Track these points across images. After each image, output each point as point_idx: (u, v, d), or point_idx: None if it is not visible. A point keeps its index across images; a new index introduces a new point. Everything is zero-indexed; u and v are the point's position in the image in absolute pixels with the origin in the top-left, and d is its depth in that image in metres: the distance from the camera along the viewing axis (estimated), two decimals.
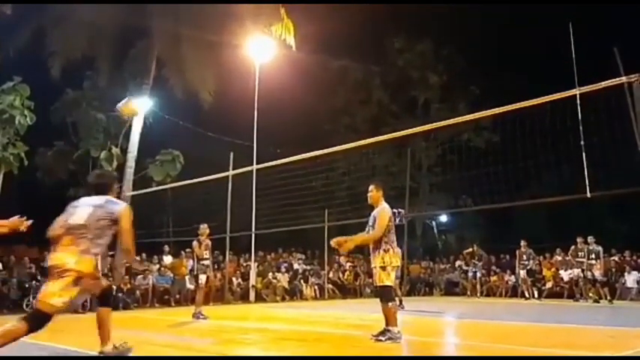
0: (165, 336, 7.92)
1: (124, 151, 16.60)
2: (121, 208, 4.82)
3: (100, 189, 5.03)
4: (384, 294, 6.50)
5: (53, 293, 4.39)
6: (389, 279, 6.46)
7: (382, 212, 6.61)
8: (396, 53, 24.97)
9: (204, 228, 10.52)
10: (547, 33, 17.90)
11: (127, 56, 17.23)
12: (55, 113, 16.85)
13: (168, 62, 17.06)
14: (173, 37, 16.23)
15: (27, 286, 13.42)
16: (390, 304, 6.43)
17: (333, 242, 6.75)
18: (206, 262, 10.46)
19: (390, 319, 6.38)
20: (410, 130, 10.42)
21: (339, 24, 19.87)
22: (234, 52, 16.97)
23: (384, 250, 6.49)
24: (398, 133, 10.62)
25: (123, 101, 7.30)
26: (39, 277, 13.76)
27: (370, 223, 6.71)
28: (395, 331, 6.34)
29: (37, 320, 4.40)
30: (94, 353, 6.02)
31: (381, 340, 6.30)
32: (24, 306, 12.89)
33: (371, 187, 6.85)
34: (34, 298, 13.05)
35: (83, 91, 17.03)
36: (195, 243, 10.43)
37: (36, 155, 16.50)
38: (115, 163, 16.57)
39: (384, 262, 6.46)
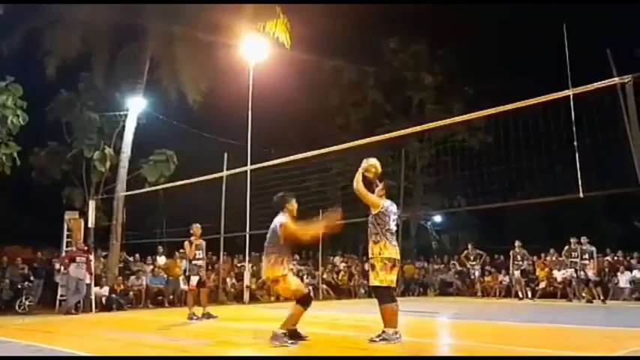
0: (159, 337, 7.89)
1: (118, 151, 16.53)
2: (280, 220, 6.63)
3: (277, 209, 6.87)
4: (376, 295, 6.46)
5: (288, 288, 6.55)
6: (377, 278, 6.35)
7: (379, 196, 6.65)
8: (391, 54, 24.96)
9: (196, 228, 10.45)
10: (542, 34, 17.94)
11: (121, 56, 17.15)
12: (49, 113, 16.77)
13: (161, 62, 17.01)
14: (167, 36, 16.19)
15: (20, 287, 13.35)
16: (382, 305, 6.37)
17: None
18: (199, 263, 10.37)
19: (385, 320, 6.34)
20: (404, 130, 10.39)
21: (333, 24, 19.84)
22: (228, 52, 16.92)
23: (374, 242, 6.43)
24: (392, 133, 10.59)
25: None
26: (32, 278, 13.70)
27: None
28: (390, 332, 6.29)
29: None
30: (85, 354, 5.99)
31: (374, 341, 6.27)
32: (16, 307, 12.80)
33: (381, 185, 6.88)
34: (26, 299, 12.99)
35: (78, 92, 16.94)
36: (186, 243, 10.36)
37: (29, 155, 16.40)
38: (108, 164, 16.51)
39: (372, 255, 6.41)
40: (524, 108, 8.30)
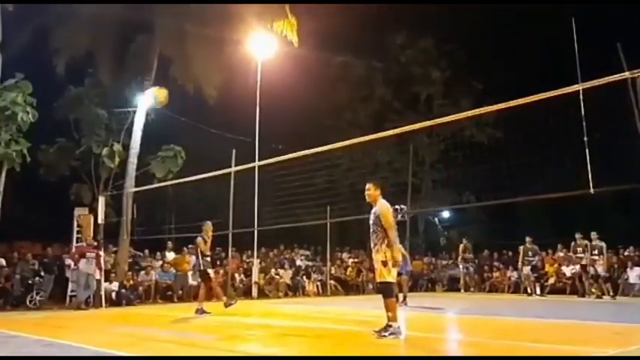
0: (169, 332, 7.94)
1: (126, 147, 16.58)
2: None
3: None
4: (385, 290, 6.51)
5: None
6: (390, 275, 6.46)
7: (385, 210, 6.58)
8: (398, 49, 24.88)
9: (209, 226, 10.73)
10: (550, 28, 17.81)
11: (129, 53, 17.20)
12: (57, 110, 16.84)
13: (170, 58, 17.03)
14: (176, 33, 16.20)
15: (30, 282, 13.45)
16: (390, 299, 6.44)
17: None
18: (208, 258, 10.69)
19: (392, 315, 6.40)
20: (412, 126, 10.35)
21: (341, 20, 19.80)
22: (236, 49, 16.93)
23: (388, 246, 6.49)
24: (400, 129, 10.54)
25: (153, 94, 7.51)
26: (42, 274, 13.80)
27: (372, 221, 6.67)
28: (396, 326, 6.36)
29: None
30: (95, 348, 6.04)
31: (384, 336, 6.31)
32: (27, 302, 12.92)
33: (368, 186, 6.84)
34: (37, 294, 13.11)
35: (85, 88, 17.01)
36: (200, 240, 10.54)
37: (38, 152, 16.49)
38: (117, 160, 16.57)
39: (385, 257, 6.46)
40: (533, 103, 8.24)
